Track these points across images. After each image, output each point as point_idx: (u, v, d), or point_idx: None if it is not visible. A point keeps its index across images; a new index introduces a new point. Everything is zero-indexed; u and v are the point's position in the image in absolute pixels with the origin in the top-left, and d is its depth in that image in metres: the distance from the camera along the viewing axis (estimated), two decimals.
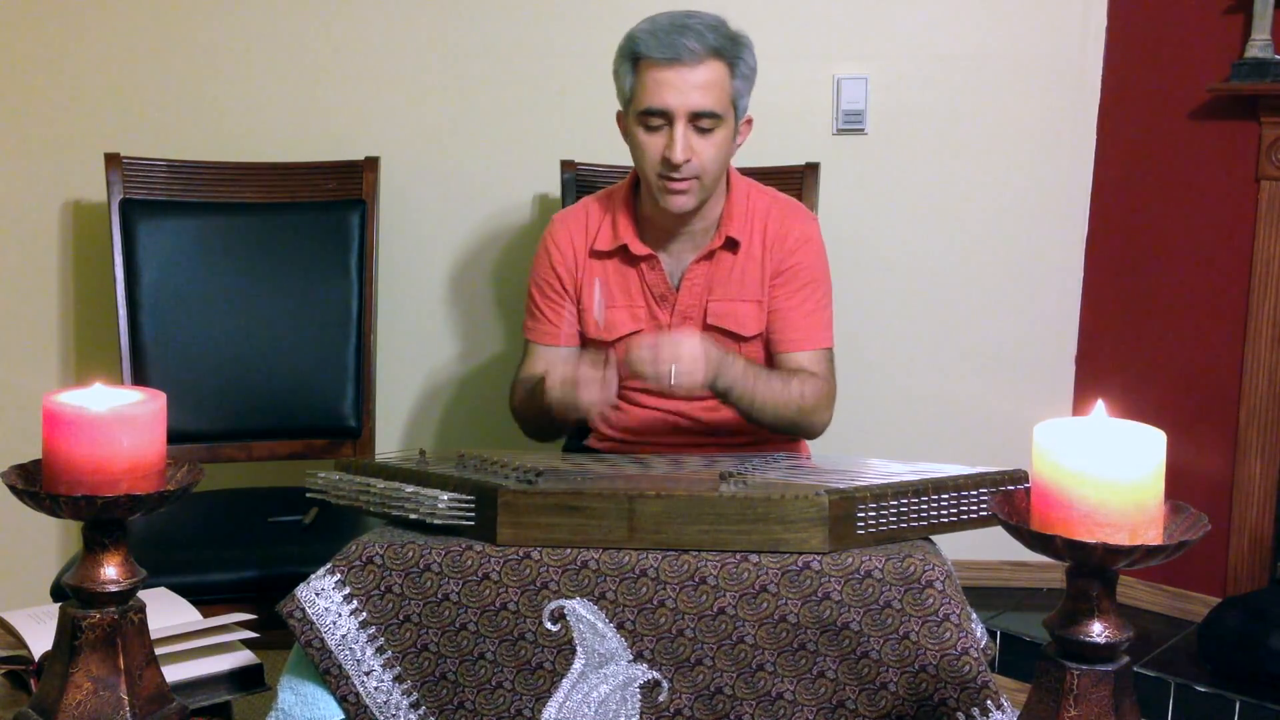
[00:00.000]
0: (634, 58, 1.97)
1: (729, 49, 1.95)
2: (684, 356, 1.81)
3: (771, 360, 2.09)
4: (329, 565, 1.51)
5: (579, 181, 2.63)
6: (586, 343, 2.14)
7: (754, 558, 1.45)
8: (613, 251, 2.09)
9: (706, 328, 2.07)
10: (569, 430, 2.15)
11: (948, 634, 1.41)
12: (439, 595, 1.48)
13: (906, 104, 2.93)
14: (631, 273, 2.10)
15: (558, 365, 1.92)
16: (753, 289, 2.07)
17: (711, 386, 1.88)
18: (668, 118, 1.94)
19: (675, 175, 1.95)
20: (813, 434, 2.07)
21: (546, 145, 2.79)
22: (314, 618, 1.49)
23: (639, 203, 2.09)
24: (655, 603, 1.45)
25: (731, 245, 2.07)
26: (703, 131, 1.95)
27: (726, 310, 2.07)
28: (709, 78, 1.93)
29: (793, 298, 2.08)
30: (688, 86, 1.92)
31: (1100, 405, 1.19)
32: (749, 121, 2.05)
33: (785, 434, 2.06)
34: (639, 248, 2.07)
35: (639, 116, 1.97)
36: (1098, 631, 1.16)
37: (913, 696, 1.42)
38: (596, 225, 2.11)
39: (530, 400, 2.02)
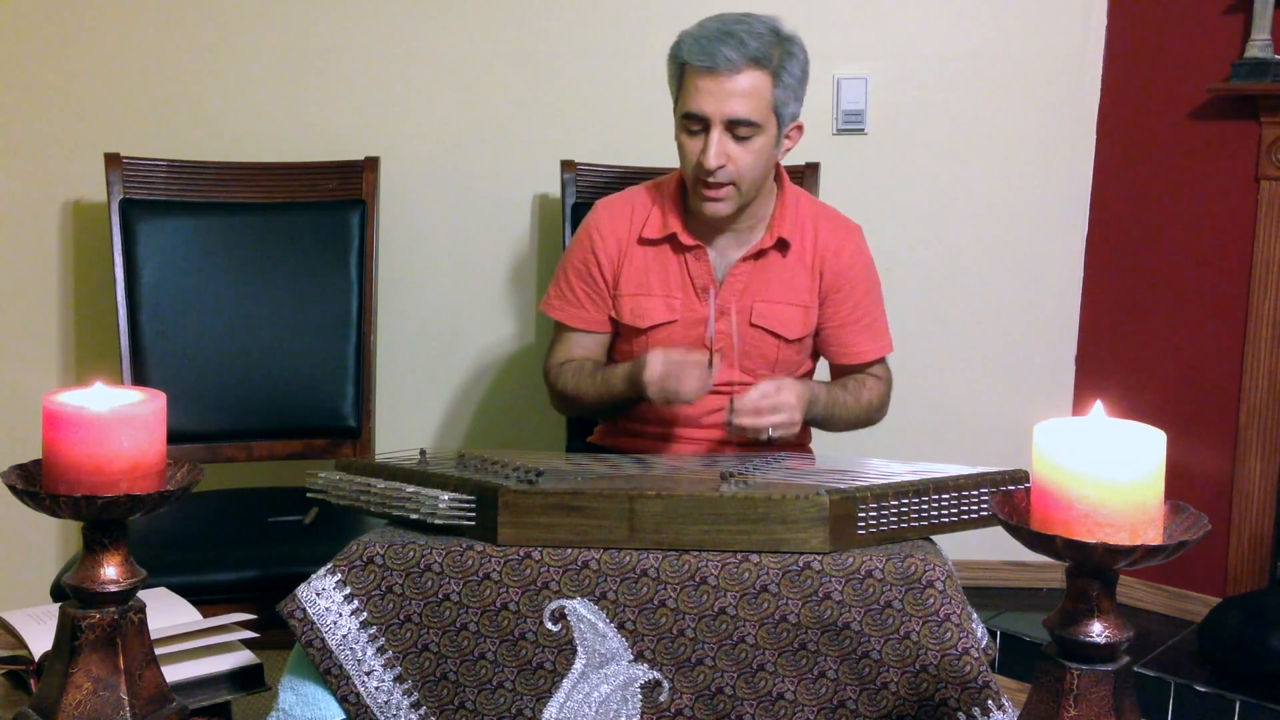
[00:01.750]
0: (680, 62, 1.99)
1: (772, 58, 1.95)
2: (783, 413, 1.92)
3: (831, 365, 2.20)
4: (329, 565, 1.51)
5: (579, 181, 2.63)
6: (619, 330, 2.15)
7: (754, 558, 1.45)
8: (661, 239, 2.11)
9: (752, 327, 2.09)
10: (618, 414, 2.18)
11: (948, 634, 1.41)
12: (440, 595, 1.48)
13: (906, 104, 2.93)
14: (674, 262, 2.11)
15: (656, 352, 1.97)
16: (801, 294, 2.10)
17: None
18: (705, 123, 1.96)
19: (710, 180, 1.98)
20: (873, 424, 2.22)
21: (546, 145, 2.79)
22: (315, 618, 1.49)
23: (687, 195, 2.10)
24: (656, 603, 1.45)
25: (782, 246, 2.09)
26: (740, 139, 1.96)
27: (774, 313, 2.09)
28: (748, 87, 1.94)
29: (854, 311, 2.14)
30: (724, 94, 1.94)
31: (1099, 405, 1.19)
32: (799, 127, 2.06)
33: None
34: (687, 238, 2.09)
35: (681, 119, 2.00)
36: (1098, 631, 1.16)
37: (913, 696, 1.42)
38: (644, 214, 2.13)
39: (595, 383, 2.09)
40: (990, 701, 1.40)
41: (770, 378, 2.03)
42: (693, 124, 1.98)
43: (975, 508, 1.56)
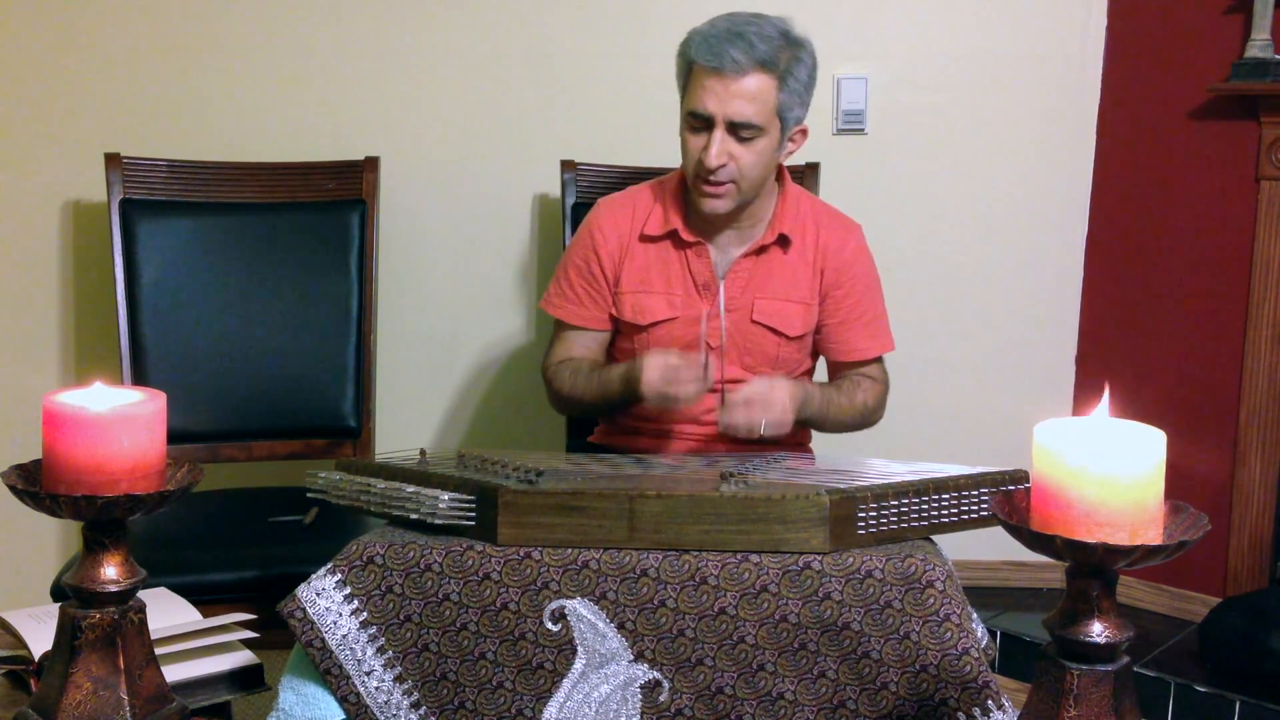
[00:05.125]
0: (688, 60, 1.99)
1: (779, 61, 1.96)
2: (775, 410, 1.91)
3: (826, 362, 2.20)
4: (329, 565, 1.51)
5: (579, 181, 2.63)
6: (619, 327, 2.15)
7: (754, 558, 1.45)
8: (663, 236, 2.12)
9: (753, 324, 2.10)
10: (615, 413, 2.18)
11: (948, 634, 1.41)
12: (440, 595, 1.48)
13: (906, 104, 2.93)
14: (675, 258, 2.11)
15: (653, 354, 1.98)
16: (802, 291, 2.11)
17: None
18: (708, 122, 1.97)
19: (710, 179, 1.99)
20: (869, 427, 2.20)
21: (546, 145, 2.79)
22: (315, 618, 1.49)
23: (689, 192, 2.11)
24: (656, 603, 1.45)
25: (784, 243, 2.10)
26: (743, 140, 1.97)
27: (775, 309, 2.10)
28: (753, 90, 1.95)
29: (854, 310, 2.14)
30: (729, 95, 1.94)
31: (1106, 394, 1.19)
32: (804, 131, 2.07)
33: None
34: (688, 235, 2.10)
35: (686, 116, 2.01)
36: (1098, 631, 1.16)
37: (913, 696, 1.42)
38: (645, 212, 2.14)
39: (592, 384, 2.09)
40: (990, 701, 1.40)
41: (768, 375, 2.03)
42: (696, 121, 1.98)
43: (975, 508, 1.56)
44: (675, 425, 2.12)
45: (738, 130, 1.95)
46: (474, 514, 1.50)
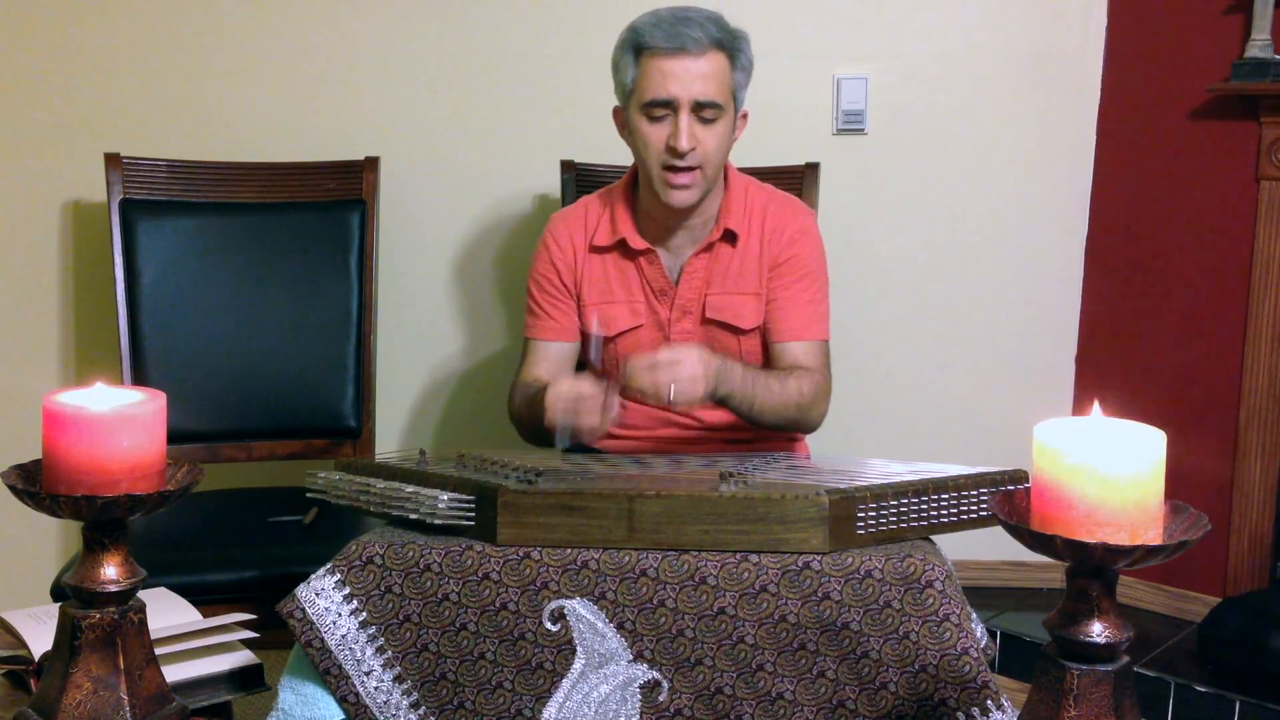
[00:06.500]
0: (636, 49, 1.98)
1: (729, 41, 1.98)
2: (683, 375, 1.82)
3: (767, 350, 2.10)
4: (329, 565, 1.51)
5: (579, 181, 2.63)
6: (585, 340, 2.15)
7: (754, 558, 1.45)
8: (611, 246, 2.10)
9: (705, 321, 2.08)
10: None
11: (948, 634, 1.41)
12: (439, 595, 1.48)
13: (906, 104, 2.93)
14: (630, 267, 2.10)
15: (561, 381, 1.89)
16: (751, 282, 2.08)
17: (711, 395, 1.88)
18: (672, 107, 1.96)
19: (679, 165, 1.96)
20: (810, 429, 2.07)
21: (546, 145, 2.79)
22: (314, 618, 1.49)
23: (638, 197, 2.10)
24: (655, 603, 1.45)
25: (730, 238, 2.08)
26: (705, 122, 1.97)
27: (725, 304, 2.08)
28: (712, 68, 1.96)
29: (790, 288, 2.08)
30: (691, 76, 1.94)
31: (1096, 406, 1.19)
32: (745, 116, 2.07)
33: (782, 431, 2.06)
34: (638, 242, 2.08)
35: (643, 108, 1.98)
36: (1098, 631, 1.16)
37: (913, 696, 1.42)
38: (595, 221, 2.12)
39: (529, 408, 2.00)
40: (989, 701, 1.40)
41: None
42: (657, 110, 1.97)
43: (975, 508, 1.56)
44: (673, 427, 2.11)
45: (701, 111, 1.95)
46: (473, 514, 1.50)
